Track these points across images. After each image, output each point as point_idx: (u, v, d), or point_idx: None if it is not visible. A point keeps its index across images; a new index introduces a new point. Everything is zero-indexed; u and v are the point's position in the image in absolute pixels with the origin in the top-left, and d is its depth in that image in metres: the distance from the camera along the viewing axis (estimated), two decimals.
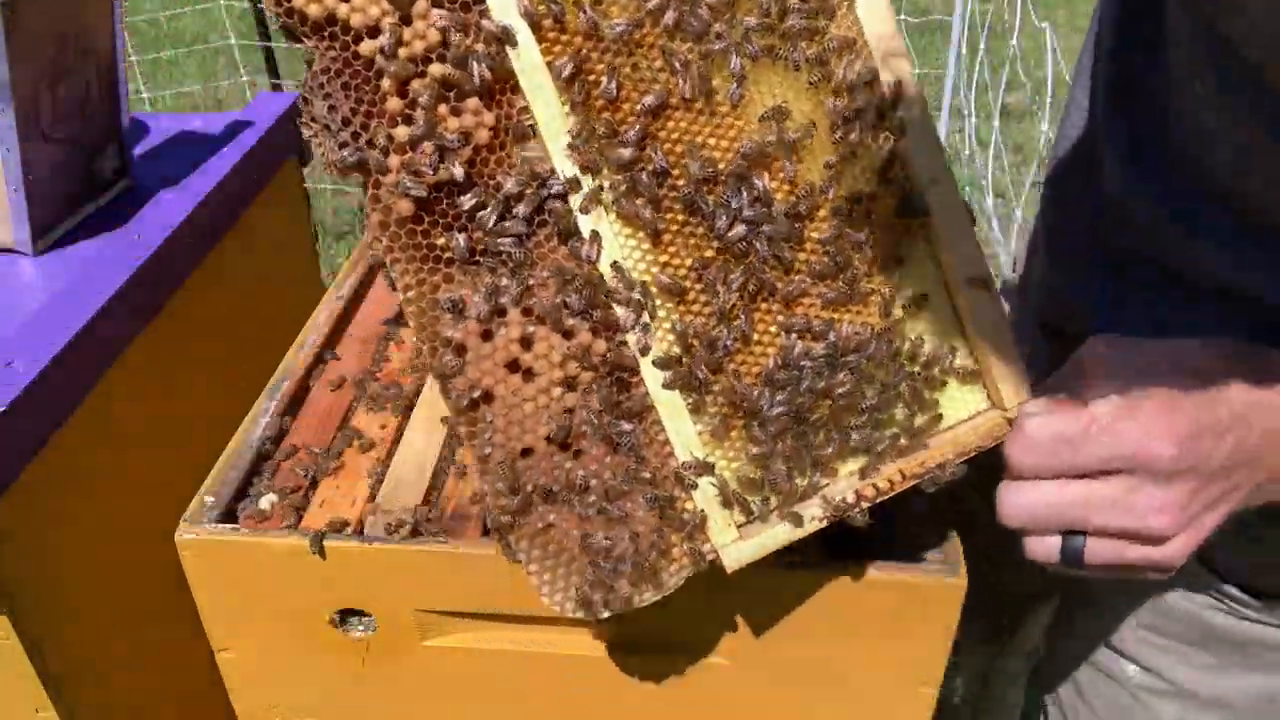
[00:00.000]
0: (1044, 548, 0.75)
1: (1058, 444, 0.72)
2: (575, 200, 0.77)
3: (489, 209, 0.77)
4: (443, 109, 0.76)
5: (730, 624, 0.94)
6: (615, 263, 0.78)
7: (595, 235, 0.77)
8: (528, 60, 0.75)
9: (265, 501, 0.99)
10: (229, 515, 0.98)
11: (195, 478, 1.00)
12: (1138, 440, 0.70)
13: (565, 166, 0.77)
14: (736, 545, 0.82)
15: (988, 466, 0.81)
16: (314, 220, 3.73)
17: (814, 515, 0.82)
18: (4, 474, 1.10)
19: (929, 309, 0.82)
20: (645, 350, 0.79)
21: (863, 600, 0.91)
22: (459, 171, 0.76)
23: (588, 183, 0.77)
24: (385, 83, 0.74)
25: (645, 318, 0.79)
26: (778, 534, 0.82)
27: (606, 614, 0.83)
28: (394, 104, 0.75)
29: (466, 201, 0.77)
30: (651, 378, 0.80)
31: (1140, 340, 0.76)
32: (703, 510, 0.82)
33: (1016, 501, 0.75)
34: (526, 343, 0.80)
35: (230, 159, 1.58)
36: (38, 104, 1.34)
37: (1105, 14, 1.02)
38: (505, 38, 0.74)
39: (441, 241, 0.78)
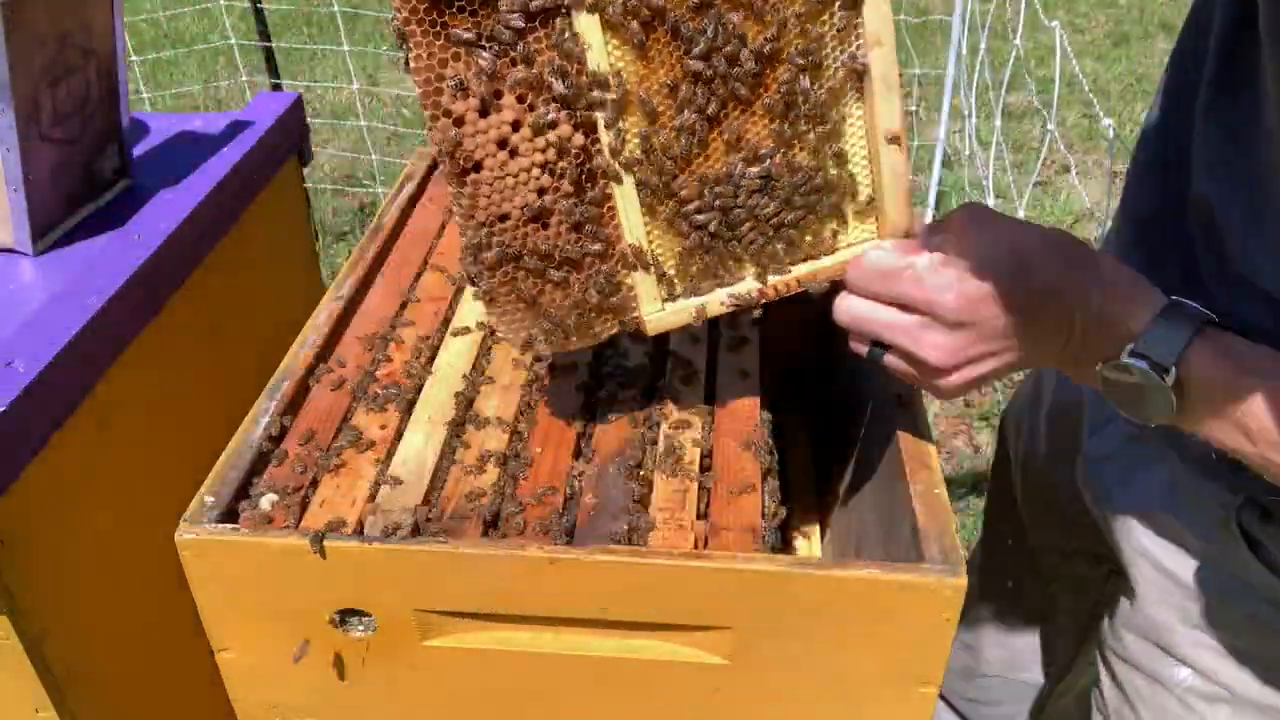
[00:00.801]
0: (857, 348, 0.96)
1: (879, 274, 0.91)
2: (578, 9, 0.87)
3: (505, 1, 0.86)
4: None
5: (729, 624, 0.94)
6: (600, 69, 0.89)
7: (587, 41, 0.88)
8: None
9: (265, 501, 0.99)
10: (229, 515, 0.98)
11: (195, 478, 1.00)
12: (935, 290, 0.88)
13: None
14: (659, 315, 1.02)
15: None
16: (314, 220, 3.74)
17: (722, 302, 1.01)
18: (4, 474, 1.10)
19: (850, 153, 0.96)
20: (615, 150, 0.93)
21: (863, 600, 0.91)
22: None
23: None
24: None
25: (620, 121, 0.91)
26: (689, 311, 1.01)
27: (547, 353, 1.03)
28: None
29: None
30: (616, 173, 0.94)
31: (1000, 218, 0.91)
32: (637, 285, 0.99)
33: (841, 306, 0.95)
34: (516, 125, 0.91)
35: (230, 159, 1.58)
36: (38, 104, 1.34)
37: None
38: None
39: (455, 23, 0.87)
